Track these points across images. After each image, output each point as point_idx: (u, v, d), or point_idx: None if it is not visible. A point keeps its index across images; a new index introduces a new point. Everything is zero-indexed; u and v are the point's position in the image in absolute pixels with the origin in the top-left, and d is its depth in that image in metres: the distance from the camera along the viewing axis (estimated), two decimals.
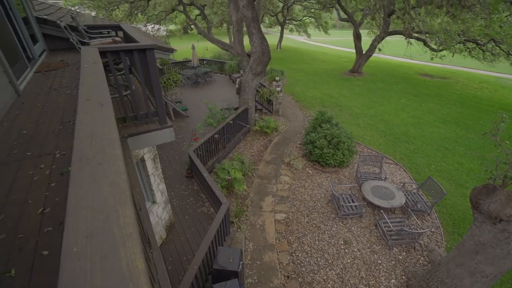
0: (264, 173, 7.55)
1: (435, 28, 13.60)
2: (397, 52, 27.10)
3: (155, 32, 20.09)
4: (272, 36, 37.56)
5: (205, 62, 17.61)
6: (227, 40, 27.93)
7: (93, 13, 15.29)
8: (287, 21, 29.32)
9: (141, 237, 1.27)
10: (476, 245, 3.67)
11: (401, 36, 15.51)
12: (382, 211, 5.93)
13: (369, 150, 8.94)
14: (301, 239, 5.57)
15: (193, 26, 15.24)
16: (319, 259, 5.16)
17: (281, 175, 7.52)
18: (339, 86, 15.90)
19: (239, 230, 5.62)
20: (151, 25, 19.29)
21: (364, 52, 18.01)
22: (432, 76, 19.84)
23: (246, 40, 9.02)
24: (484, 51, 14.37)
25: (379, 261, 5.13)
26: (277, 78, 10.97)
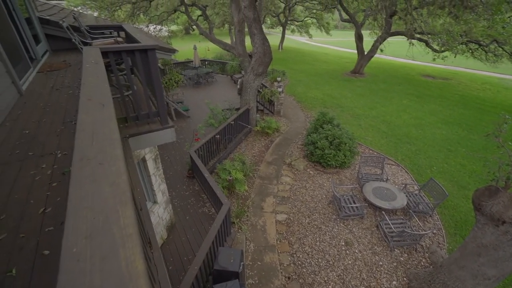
0: (265, 173, 7.55)
1: (437, 29, 13.56)
2: (399, 53, 27.10)
3: (157, 32, 20.18)
4: (274, 36, 37.61)
5: (206, 62, 17.65)
6: (229, 40, 27.96)
7: (96, 14, 15.37)
8: (288, 22, 29.33)
9: (141, 237, 1.27)
10: (479, 247, 3.64)
11: (403, 37, 15.48)
12: (383, 212, 5.91)
13: (370, 151, 8.91)
14: (302, 240, 5.56)
15: (195, 26, 15.29)
16: (320, 260, 5.15)
17: (282, 175, 7.52)
18: (340, 87, 15.87)
19: (240, 230, 5.62)
20: (153, 25, 19.40)
21: (365, 53, 17.98)
22: (434, 77, 19.76)
23: (248, 41, 9.03)
24: (487, 52, 14.32)
25: (381, 263, 5.11)
26: (279, 79, 10.97)
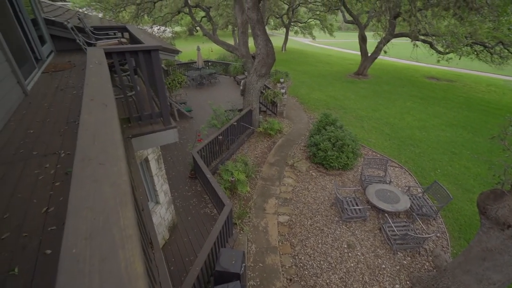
0: (268, 175, 7.53)
1: (442, 30, 13.48)
2: (403, 54, 26.92)
3: (160, 33, 20.32)
4: (277, 38, 37.64)
5: (210, 63, 17.71)
6: (232, 41, 28.05)
7: (100, 15, 15.52)
8: (292, 23, 29.35)
9: (142, 238, 1.27)
10: (484, 251, 3.59)
11: (407, 38, 15.40)
12: (386, 215, 5.86)
13: (373, 153, 8.86)
14: (304, 242, 5.53)
15: (198, 28, 15.37)
16: (322, 262, 5.11)
17: (284, 177, 7.50)
18: (344, 89, 15.82)
19: (241, 232, 5.61)
20: (157, 26, 19.54)
21: (369, 55, 17.92)
22: (438, 79, 19.62)
23: (251, 42, 9.04)
24: (492, 54, 14.20)
25: (383, 266, 5.06)
26: (282, 80, 10.97)
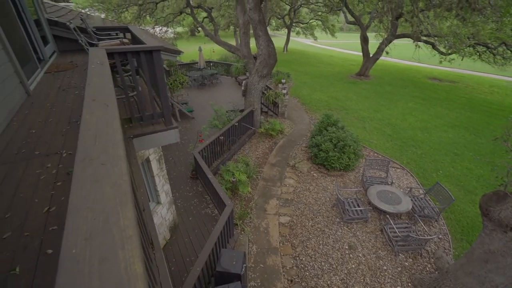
0: (269, 175, 7.53)
1: (444, 31, 13.41)
2: (405, 55, 26.81)
3: (162, 34, 20.40)
4: (279, 38, 37.65)
5: (211, 64, 17.74)
6: (234, 42, 28.09)
7: (103, 15, 15.59)
8: (294, 24, 29.35)
9: (142, 238, 1.27)
10: (486, 253, 3.57)
11: (409, 39, 15.35)
12: (388, 216, 5.83)
13: (375, 154, 8.83)
14: (305, 243, 5.51)
15: (200, 28, 15.40)
16: (323, 263, 5.10)
17: (286, 178, 7.49)
18: (345, 89, 15.80)
19: (242, 232, 5.60)
20: (159, 27, 19.61)
21: (371, 55, 17.89)
22: (440, 79, 19.54)
23: (253, 43, 9.05)
24: (495, 55, 14.12)
25: (385, 267, 5.04)
26: (283, 81, 10.97)
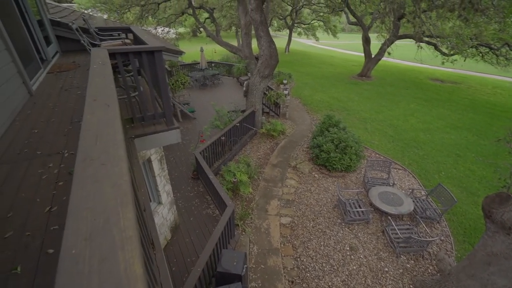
0: (270, 176, 7.52)
1: (447, 32, 13.37)
2: (407, 56, 26.78)
3: (164, 34, 20.46)
4: (280, 39, 37.65)
5: (213, 64, 17.77)
6: (236, 43, 28.13)
7: (105, 16, 15.66)
8: (295, 25, 29.35)
9: (143, 239, 1.27)
10: (489, 255, 3.54)
11: (411, 40, 15.32)
12: (389, 217, 5.81)
13: (377, 155, 8.80)
14: (306, 244, 5.50)
15: (202, 29, 15.43)
16: (324, 264, 5.08)
17: (287, 178, 7.47)
18: (347, 90, 15.77)
19: (243, 233, 5.60)
20: (161, 27, 19.67)
21: (373, 56, 17.84)
22: (443, 80, 19.47)
23: (254, 43, 9.04)
24: (498, 56, 14.04)
25: (386, 269, 5.01)
26: (285, 81, 10.96)
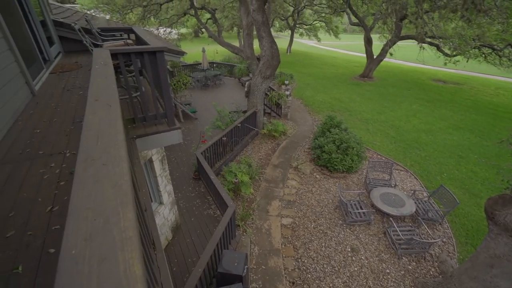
0: (271, 177, 7.51)
1: (449, 32, 13.32)
2: (409, 57, 26.66)
3: (166, 35, 20.52)
4: (282, 40, 37.65)
5: (215, 65, 17.79)
6: (237, 43, 28.17)
7: (108, 17, 15.73)
8: (297, 25, 29.36)
9: (144, 239, 1.27)
10: (491, 258, 3.51)
11: (413, 40, 15.26)
12: (391, 219, 5.79)
13: (378, 156, 8.77)
14: (307, 245, 5.48)
15: (204, 29, 15.48)
16: (325, 266, 5.06)
17: (288, 179, 7.46)
18: (349, 91, 15.73)
19: (244, 233, 5.59)
20: (163, 28, 19.73)
21: (375, 57, 17.80)
22: (445, 81, 19.39)
23: (256, 44, 9.06)
24: (501, 57, 13.96)
25: (388, 271, 4.99)
26: (286, 82, 10.95)
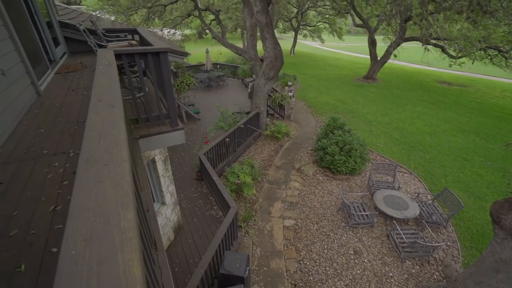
0: (274, 178, 7.49)
1: (454, 34, 13.20)
2: (413, 58, 26.53)
3: (170, 36, 20.64)
4: (286, 41, 37.68)
5: (218, 66, 17.84)
6: (241, 44, 28.23)
7: (113, 18, 15.88)
8: (301, 27, 29.32)
9: (145, 239, 1.27)
10: (497, 262, 3.46)
11: (418, 42, 15.16)
12: (394, 221, 5.73)
13: (382, 158, 8.71)
14: (310, 247, 5.45)
15: (207, 30, 15.54)
16: (327, 268, 5.03)
17: (291, 180, 7.44)
18: (352, 92, 15.67)
19: (246, 235, 5.58)
20: (167, 29, 19.86)
21: (379, 58, 17.70)
22: (450, 83, 19.21)
23: (260, 45, 9.06)
24: (507, 59, 13.79)
25: (391, 274, 4.93)
26: (290, 83, 10.94)
